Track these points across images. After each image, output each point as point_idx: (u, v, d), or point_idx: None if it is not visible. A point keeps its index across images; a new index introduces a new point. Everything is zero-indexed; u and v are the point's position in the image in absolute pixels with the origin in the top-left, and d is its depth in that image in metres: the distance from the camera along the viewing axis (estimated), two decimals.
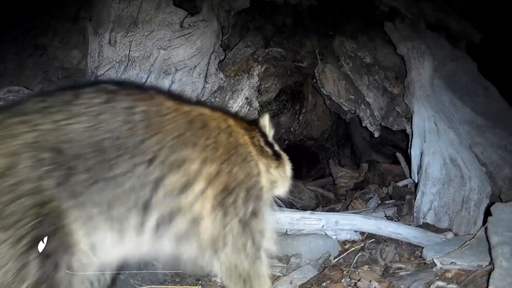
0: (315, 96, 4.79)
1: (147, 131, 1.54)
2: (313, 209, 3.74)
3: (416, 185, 3.02)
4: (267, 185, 1.86)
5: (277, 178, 1.93)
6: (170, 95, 1.86)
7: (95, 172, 1.42)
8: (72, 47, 3.90)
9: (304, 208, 3.74)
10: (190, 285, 2.43)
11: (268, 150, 1.91)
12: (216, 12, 3.54)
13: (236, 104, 3.44)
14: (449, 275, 2.01)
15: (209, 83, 3.40)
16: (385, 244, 2.60)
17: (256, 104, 3.57)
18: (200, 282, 2.46)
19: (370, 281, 2.15)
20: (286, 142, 4.95)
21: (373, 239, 2.73)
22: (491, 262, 1.81)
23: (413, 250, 2.58)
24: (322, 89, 3.98)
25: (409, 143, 3.19)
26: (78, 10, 3.95)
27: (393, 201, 3.34)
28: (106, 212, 1.44)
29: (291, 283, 2.34)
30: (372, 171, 4.08)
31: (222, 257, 1.62)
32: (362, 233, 2.87)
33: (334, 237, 2.82)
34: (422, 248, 2.48)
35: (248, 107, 3.51)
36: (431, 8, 3.98)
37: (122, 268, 1.83)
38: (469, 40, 4.09)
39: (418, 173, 3.02)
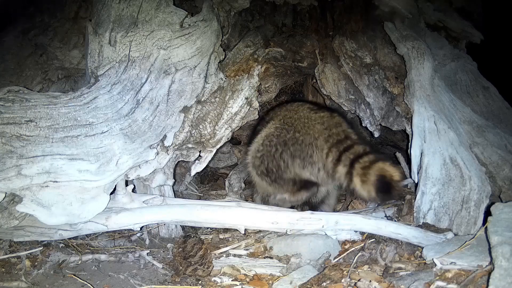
0: (315, 96, 4.79)
1: None
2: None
3: (416, 185, 3.02)
4: None
5: None
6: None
7: None
8: (72, 47, 3.90)
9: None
10: (190, 285, 2.43)
11: None
12: (216, 12, 3.54)
13: (236, 104, 3.44)
14: (449, 275, 2.01)
15: (209, 83, 3.40)
16: (385, 244, 2.60)
17: (256, 104, 3.57)
18: (200, 282, 2.46)
19: (370, 281, 2.16)
20: None
21: (373, 239, 2.73)
22: (491, 262, 1.81)
23: (413, 250, 2.58)
24: (322, 89, 3.97)
25: (409, 143, 3.19)
26: (78, 10, 3.95)
27: (393, 201, 3.34)
28: None
29: (291, 283, 2.34)
30: None
31: None
32: (362, 233, 2.87)
33: (334, 237, 2.82)
34: (422, 248, 2.48)
35: (248, 107, 3.51)
36: (431, 8, 3.98)
37: None
38: (469, 40, 4.08)
39: (418, 173, 3.02)
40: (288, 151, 2.79)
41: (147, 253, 2.84)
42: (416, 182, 3.03)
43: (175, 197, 3.40)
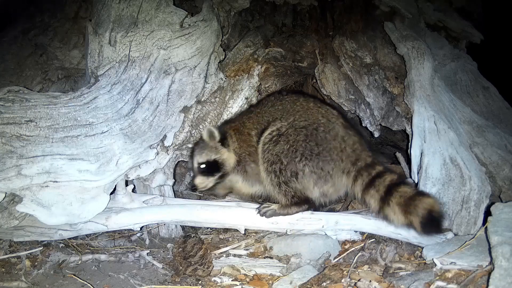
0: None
1: None
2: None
3: (416, 185, 3.02)
4: None
5: None
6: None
7: None
8: (72, 47, 3.90)
9: None
10: (190, 285, 2.43)
11: None
12: (216, 12, 3.54)
13: (236, 104, 3.44)
14: (449, 275, 2.01)
15: (209, 83, 3.40)
16: (385, 244, 2.60)
17: None
18: (200, 282, 2.46)
19: (370, 281, 2.16)
20: None
21: (373, 239, 2.74)
22: (491, 262, 1.82)
23: (413, 250, 2.58)
24: (322, 89, 3.97)
25: (409, 143, 3.19)
26: (78, 10, 3.95)
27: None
28: None
29: (291, 283, 2.34)
30: None
31: None
32: (362, 233, 2.87)
33: (334, 237, 2.82)
34: (422, 248, 2.48)
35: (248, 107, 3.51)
36: (431, 8, 3.98)
37: None
38: (469, 40, 4.08)
39: (418, 173, 3.02)
40: (312, 167, 2.73)
41: (147, 253, 2.84)
42: (416, 182, 3.03)
43: (175, 197, 3.40)
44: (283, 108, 3.00)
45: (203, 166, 3.02)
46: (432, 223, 2.37)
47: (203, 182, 3.04)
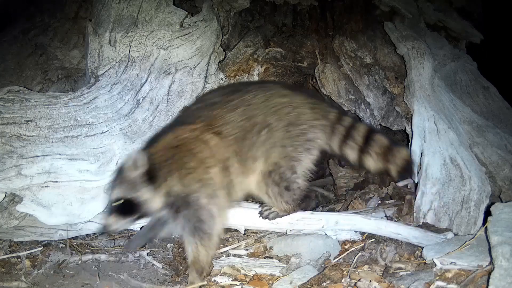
0: None
1: None
2: (313, 209, 3.73)
3: (416, 185, 3.02)
4: None
5: None
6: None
7: None
8: (72, 47, 3.90)
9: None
10: None
11: None
12: (216, 12, 3.54)
13: None
14: (449, 275, 2.01)
15: (209, 83, 3.40)
16: (385, 244, 2.60)
17: None
18: None
19: (370, 281, 2.16)
20: None
21: (373, 239, 2.73)
22: (491, 262, 1.81)
23: (413, 250, 2.58)
24: (322, 89, 3.98)
25: (409, 143, 3.19)
26: (78, 10, 3.96)
27: (393, 201, 3.34)
28: None
29: (291, 283, 2.34)
30: None
31: None
32: (362, 233, 2.87)
33: (334, 237, 2.82)
34: (422, 248, 2.48)
35: None
36: (431, 8, 3.98)
37: None
38: (469, 40, 4.08)
39: (418, 173, 3.02)
40: (302, 147, 2.68)
41: (147, 253, 2.84)
42: (416, 182, 3.03)
43: None
44: (244, 113, 2.55)
45: (117, 203, 2.29)
46: (407, 170, 2.82)
47: (115, 223, 2.31)
